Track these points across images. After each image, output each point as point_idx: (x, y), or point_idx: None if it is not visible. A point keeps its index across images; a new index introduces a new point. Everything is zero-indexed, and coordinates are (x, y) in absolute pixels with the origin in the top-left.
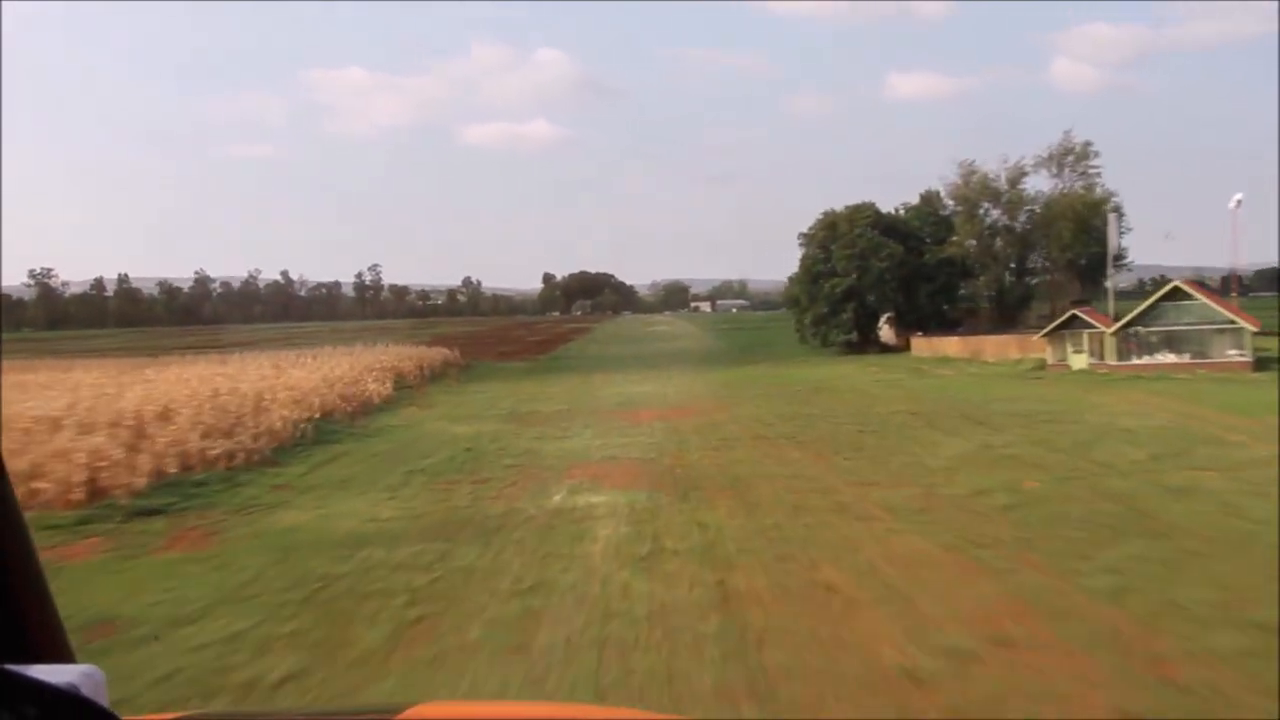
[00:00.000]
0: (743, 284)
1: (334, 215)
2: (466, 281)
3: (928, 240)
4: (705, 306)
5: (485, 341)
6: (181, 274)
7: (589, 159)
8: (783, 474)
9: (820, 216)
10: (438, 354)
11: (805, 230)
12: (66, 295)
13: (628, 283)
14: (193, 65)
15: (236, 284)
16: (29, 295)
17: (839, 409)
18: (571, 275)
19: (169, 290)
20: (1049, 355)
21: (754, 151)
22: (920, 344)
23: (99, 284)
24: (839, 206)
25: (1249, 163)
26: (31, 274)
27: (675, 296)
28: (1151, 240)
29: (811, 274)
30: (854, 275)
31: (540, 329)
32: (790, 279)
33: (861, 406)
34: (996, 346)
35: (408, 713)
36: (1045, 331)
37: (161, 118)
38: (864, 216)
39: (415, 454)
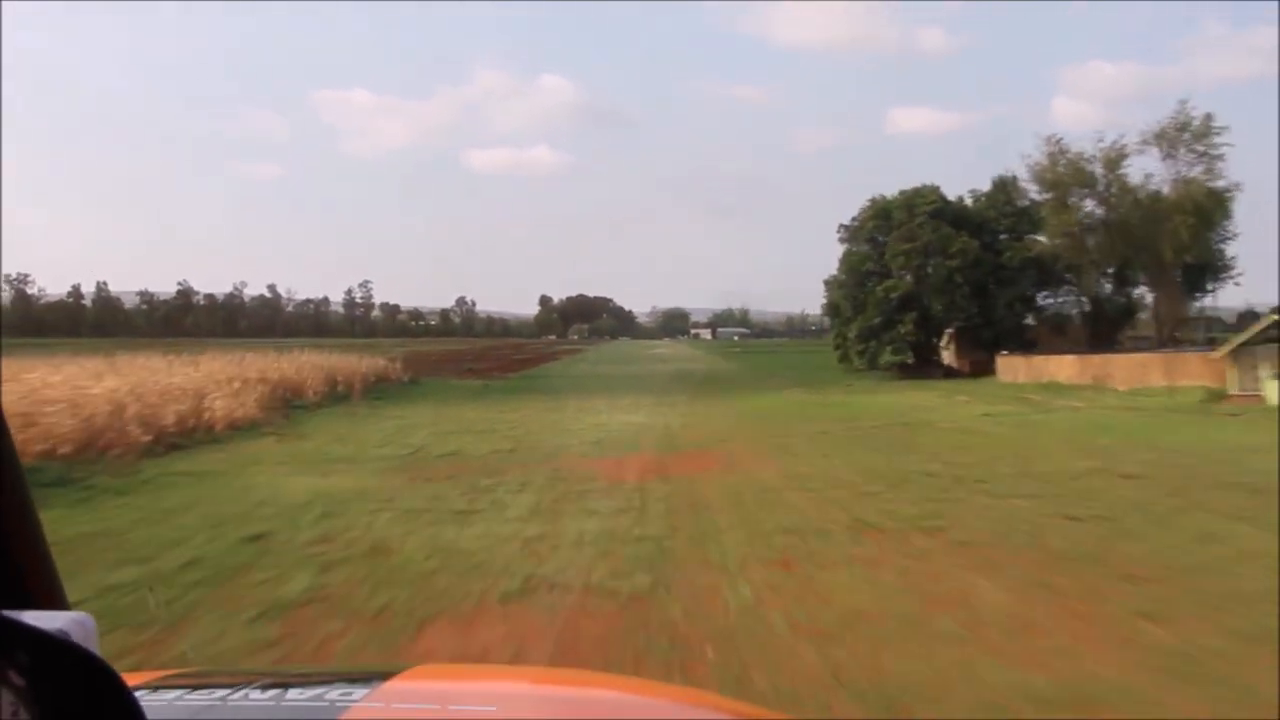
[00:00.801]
0: (744, 312)
1: (331, 233)
2: (460, 302)
3: (1003, 235)
4: (706, 334)
5: (457, 358)
6: (169, 287)
7: (591, 186)
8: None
9: (868, 204)
10: (368, 366)
11: (848, 221)
12: (42, 302)
13: (626, 308)
14: (198, 80)
15: (221, 297)
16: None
17: (972, 463)
18: (569, 298)
19: (149, 301)
20: (1232, 382)
21: (757, 183)
22: (1011, 365)
23: (76, 292)
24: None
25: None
26: (7, 279)
27: (675, 323)
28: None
29: (857, 275)
30: (913, 277)
31: (528, 349)
32: (829, 282)
33: (1003, 458)
34: (1131, 369)
35: (405, 674)
36: (1226, 349)
37: (161, 131)
38: (925, 202)
39: (147, 543)
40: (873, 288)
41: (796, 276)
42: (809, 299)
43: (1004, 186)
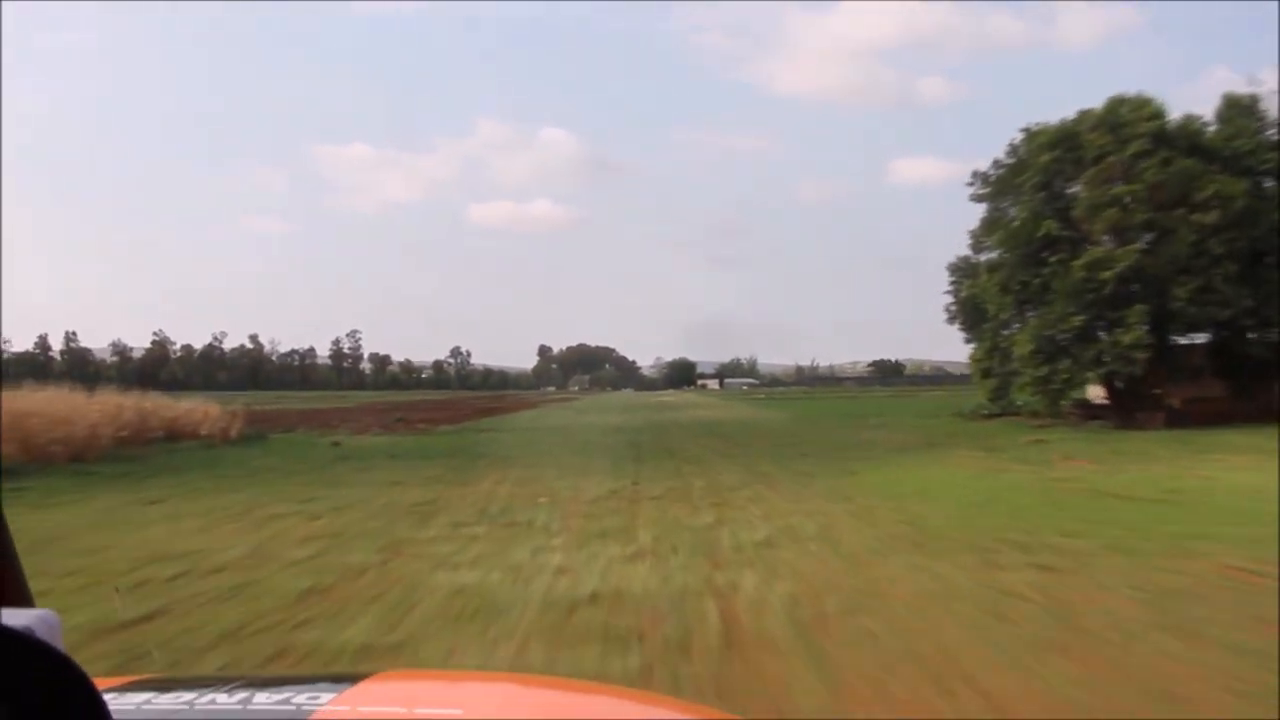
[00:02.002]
0: (752, 362)
1: (322, 284)
2: (455, 353)
3: (1267, 180)
4: (713, 384)
5: (409, 409)
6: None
7: (593, 238)
8: None
9: (1021, 135)
10: (185, 412)
11: (995, 163)
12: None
13: (630, 358)
14: (191, 133)
15: (200, 348)
16: None
17: None
18: (569, 348)
19: (122, 352)
20: None
21: (760, 234)
22: None
23: (43, 343)
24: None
25: None
26: None
27: (680, 373)
28: None
29: (1026, 248)
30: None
31: (508, 398)
32: (959, 269)
33: None
34: None
35: (372, 678)
36: None
37: (149, 182)
38: (1141, 118)
39: None
40: (1059, 267)
41: (802, 328)
42: (818, 348)
43: (1238, 106)
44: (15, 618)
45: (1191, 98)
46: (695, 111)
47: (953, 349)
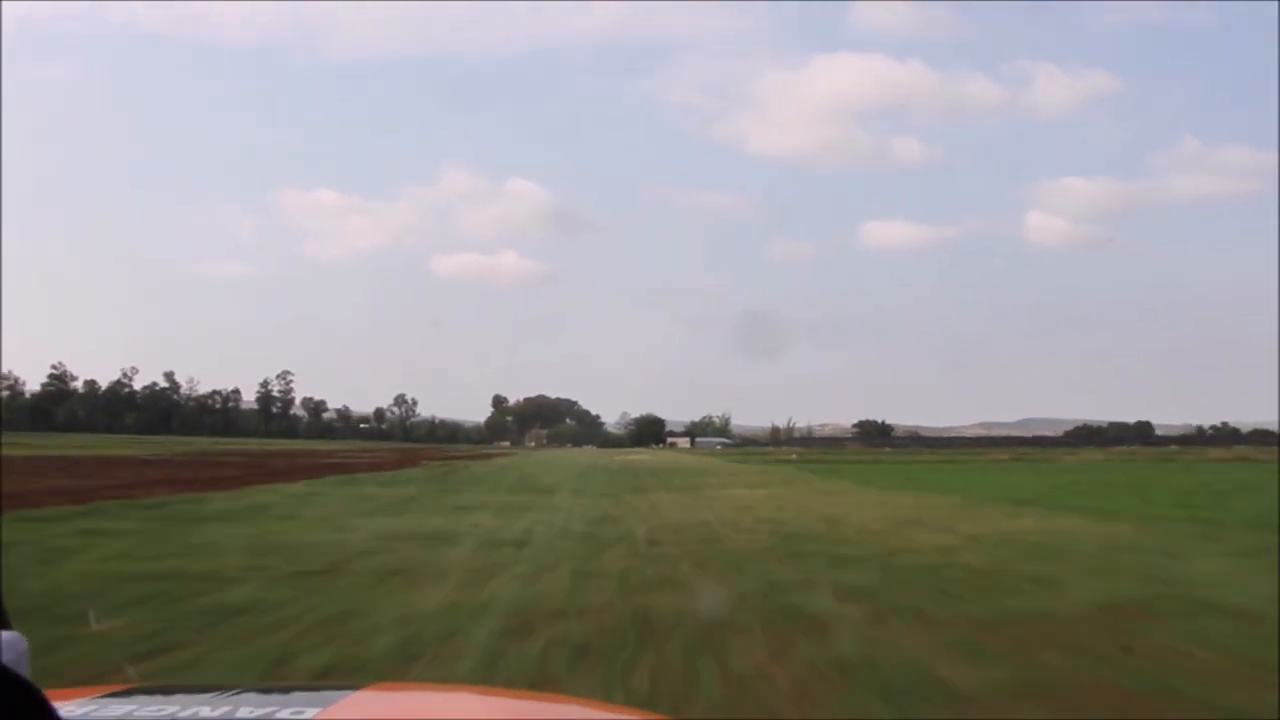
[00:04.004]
0: (725, 420)
1: (263, 326)
2: (399, 400)
3: None
4: (684, 443)
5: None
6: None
7: (559, 292)
8: None
9: None
10: None
11: None
12: None
13: (593, 412)
14: (154, 175)
15: (105, 386)
16: None
17: None
18: (526, 399)
19: (11, 388)
20: None
21: (729, 293)
22: None
23: None
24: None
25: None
26: None
27: (648, 430)
28: None
29: None
30: None
31: (422, 453)
32: None
33: None
34: None
35: (359, 691)
36: None
37: (107, 226)
38: None
39: None
40: None
41: (776, 387)
42: (794, 409)
43: None
44: None
45: (1164, 165)
46: (666, 169)
47: (929, 412)
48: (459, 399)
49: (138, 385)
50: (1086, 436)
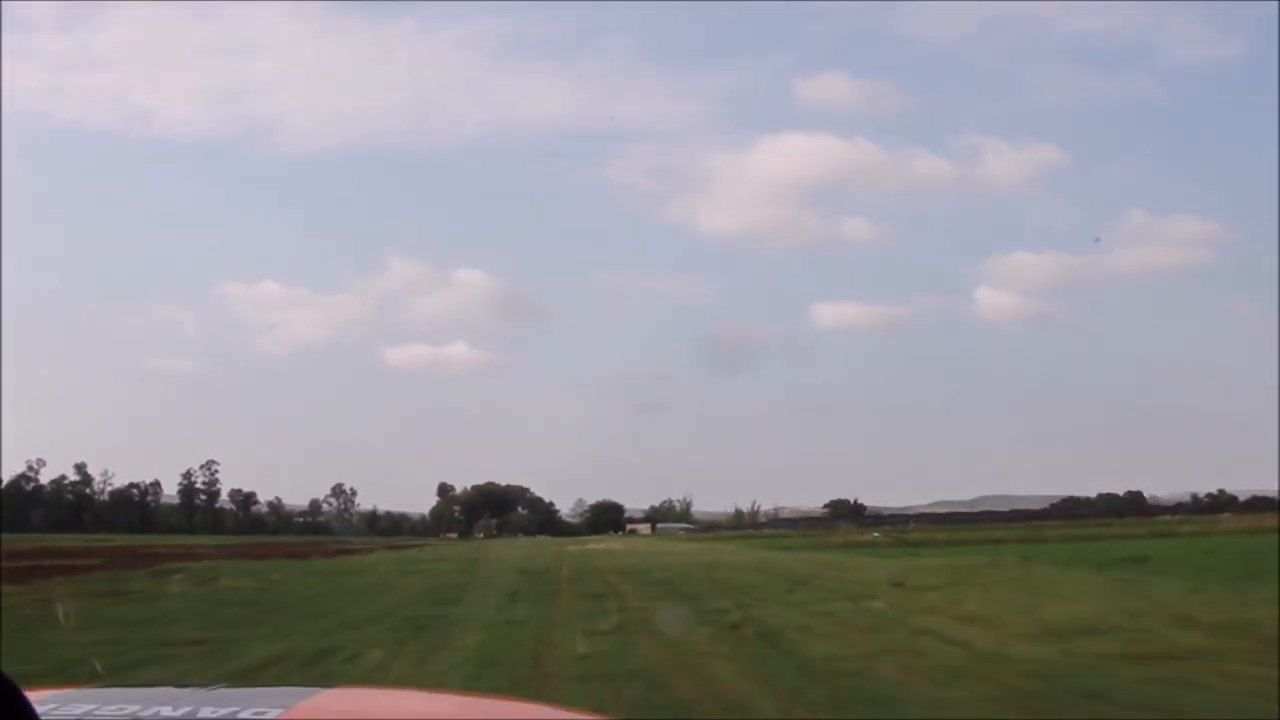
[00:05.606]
0: (687, 505)
1: (197, 419)
2: (337, 490)
3: None
4: (644, 529)
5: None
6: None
7: (512, 380)
8: None
9: None
10: None
11: None
12: None
13: (547, 499)
14: (92, 270)
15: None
16: None
17: None
18: (475, 487)
19: None
20: None
21: (681, 378)
22: None
23: None
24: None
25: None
26: None
27: (605, 517)
28: None
29: None
30: None
31: (295, 545)
32: None
33: None
34: None
35: (321, 695)
36: None
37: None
38: None
39: None
40: None
41: (736, 470)
42: (759, 491)
43: None
44: None
45: (1112, 237)
46: (616, 253)
47: (884, 492)
48: (405, 489)
49: (44, 479)
50: (1069, 509)
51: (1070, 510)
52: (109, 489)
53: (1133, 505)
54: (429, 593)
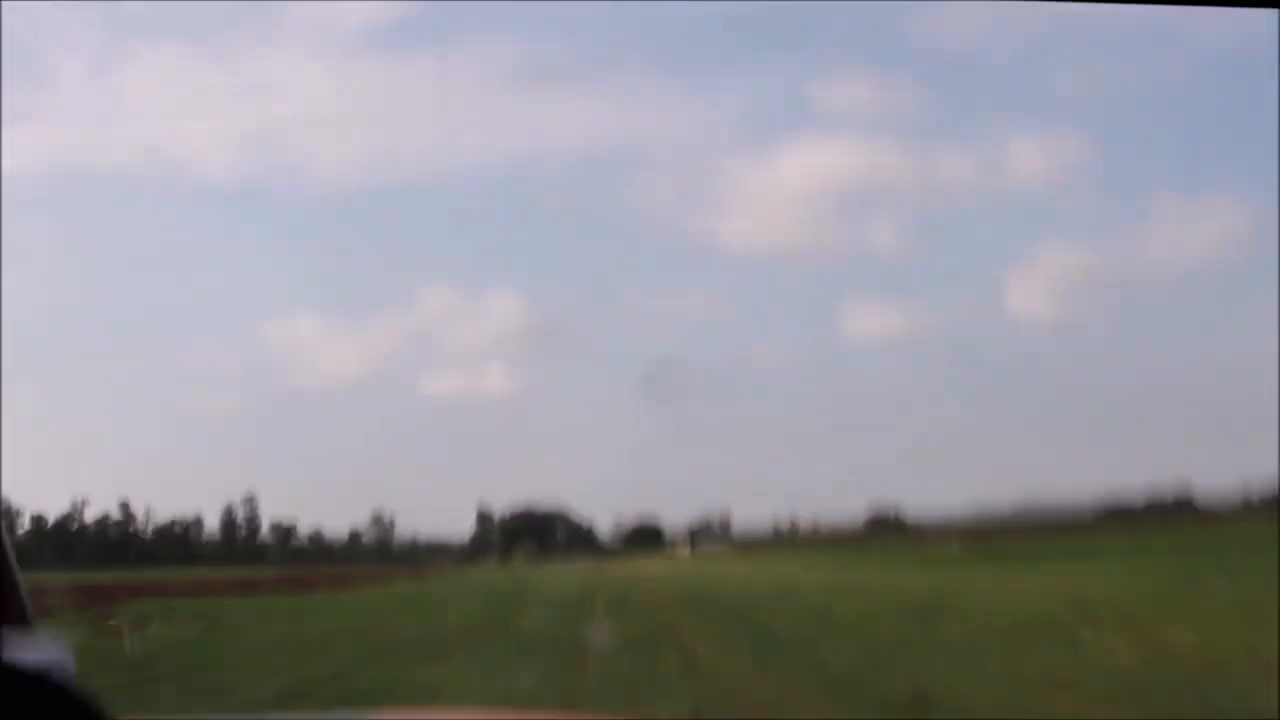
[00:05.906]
0: (726, 523)
1: (239, 452)
2: (376, 520)
3: None
4: (683, 548)
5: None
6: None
7: (546, 403)
8: None
9: None
10: None
11: None
12: None
13: (585, 522)
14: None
15: (53, 520)
16: None
17: None
18: (514, 513)
19: None
20: None
21: (717, 394)
22: None
23: None
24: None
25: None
26: None
27: (644, 537)
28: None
29: None
30: None
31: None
32: None
33: None
34: None
35: (374, 716)
36: None
37: (88, 373)
38: None
39: None
40: None
41: (766, 483)
42: (790, 502)
43: None
44: (26, 648)
45: (1148, 230)
46: (647, 272)
47: (920, 498)
48: (445, 516)
49: (89, 518)
50: (1117, 513)
51: (1116, 511)
52: (152, 525)
53: (1181, 505)
54: (413, 644)
